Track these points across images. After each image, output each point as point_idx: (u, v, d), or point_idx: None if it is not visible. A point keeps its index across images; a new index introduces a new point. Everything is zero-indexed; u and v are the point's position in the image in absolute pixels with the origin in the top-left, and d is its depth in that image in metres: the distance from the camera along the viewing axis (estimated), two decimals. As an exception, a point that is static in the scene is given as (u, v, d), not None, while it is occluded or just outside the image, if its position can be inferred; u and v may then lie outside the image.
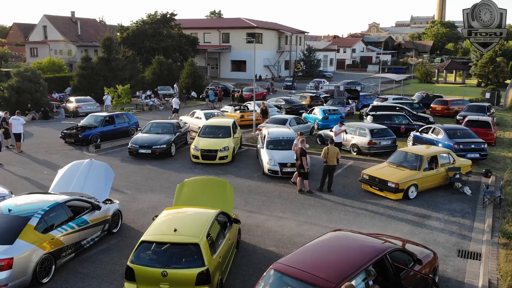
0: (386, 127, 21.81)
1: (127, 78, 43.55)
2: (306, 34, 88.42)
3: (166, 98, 39.37)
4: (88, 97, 35.14)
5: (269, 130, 19.84)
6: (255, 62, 68.57)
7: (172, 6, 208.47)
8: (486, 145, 19.79)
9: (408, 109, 29.60)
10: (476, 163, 19.54)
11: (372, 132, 21.01)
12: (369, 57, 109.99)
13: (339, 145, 18.89)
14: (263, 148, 18.59)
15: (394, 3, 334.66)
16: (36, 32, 69.99)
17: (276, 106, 34.84)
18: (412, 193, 15.19)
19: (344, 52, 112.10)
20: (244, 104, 32.39)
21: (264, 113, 26.94)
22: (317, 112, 29.11)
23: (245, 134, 25.48)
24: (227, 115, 28.77)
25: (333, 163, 15.77)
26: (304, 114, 30.61)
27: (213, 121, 21.73)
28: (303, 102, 37.28)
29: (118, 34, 59.41)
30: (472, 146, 19.61)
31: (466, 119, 24.80)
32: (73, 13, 71.68)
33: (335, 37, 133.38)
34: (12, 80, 32.29)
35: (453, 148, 19.50)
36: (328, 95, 41.60)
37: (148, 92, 44.93)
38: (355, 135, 21.55)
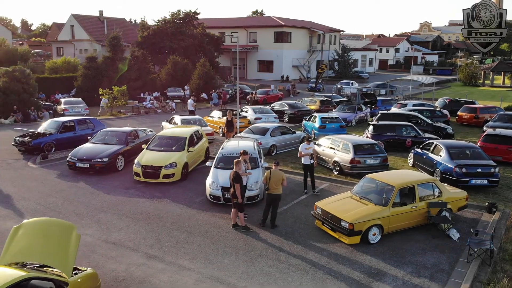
0: (375, 142, 17.99)
1: (133, 79, 41.55)
2: (342, 32, 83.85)
3: (167, 101, 36.81)
4: (79, 98, 33.26)
5: (225, 144, 16.62)
6: (283, 62, 66.35)
7: (212, 5, 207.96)
8: (497, 169, 15.59)
9: (424, 118, 25.33)
10: (483, 192, 15.48)
11: (356, 148, 17.29)
12: (414, 57, 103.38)
13: (309, 168, 15.28)
14: (212, 166, 15.40)
15: (448, 2, 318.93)
16: (64, 31, 70.03)
17: (278, 111, 31.54)
18: (374, 237, 11.51)
19: (387, 51, 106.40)
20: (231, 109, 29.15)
21: (230, 125, 22.41)
22: (316, 120, 25.48)
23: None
24: (210, 121, 25.81)
25: (277, 191, 12.35)
26: (304, 122, 27.11)
27: (167, 132, 18.73)
28: (312, 107, 33.67)
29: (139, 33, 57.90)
30: (479, 170, 15.46)
31: (485, 132, 20.49)
32: (101, 12, 71.14)
33: (379, 36, 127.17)
34: (3, 80, 30.79)
35: (453, 171, 15.49)
36: (345, 99, 37.66)
37: (156, 94, 42.76)
38: (338, 150, 17.91)
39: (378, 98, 35.57)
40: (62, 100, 32.68)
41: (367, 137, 22.16)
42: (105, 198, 14.86)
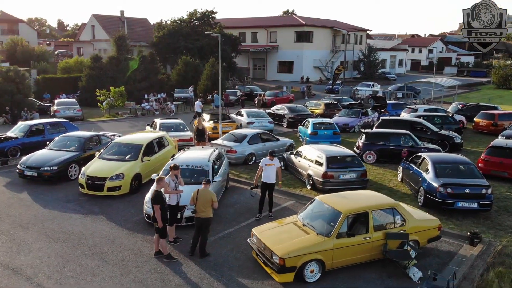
0: (352, 155, 15.77)
1: (139, 79, 40.55)
2: (370, 32, 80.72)
3: (166, 102, 35.46)
4: (72, 100, 32.40)
5: (178, 154, 14.86)
6: (303, 63, 64.08)
7: (241, 6, 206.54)
8: (490, 190, 13.14)
9: (429, 125, 22.78)
10: (474, 217, 13.13)
11: (329, 160, 15.18)
12: (448, 58, 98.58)
13: (268, 187, 13.07)
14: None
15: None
16: (85, 31, 70.38)
17: (278, 115, 29.62)
18: (312, 274, 9.48)
19: (420, 52, 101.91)
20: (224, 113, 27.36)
21: (200, 133, 19.63)
22: (308, 126, 23.40)
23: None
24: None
25: (205, 214, 10.51)
26: (299, 127, 25.07)
27: (124, 138, 17.11)
28: (317, 111, 31.52)
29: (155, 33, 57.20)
30: (467, 190, 13.07)
31: (491, 144, 17.91)
32: (122, 12, 71.02)
33: (413, 36, 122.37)
34: (-6, 81, 30.32)
35: (437, 191, 13.18)
36: (355, 102, 35.20)
37: (162, 95, 41.58)
38: (312, 161, 15.85)
39: (389, 101, 32.94)
40: (56, 101, 31.84)
41: (358, 146, 19.99)
42: (38, 212, 13.43)
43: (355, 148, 20.30)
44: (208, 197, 10.47)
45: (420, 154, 15.65)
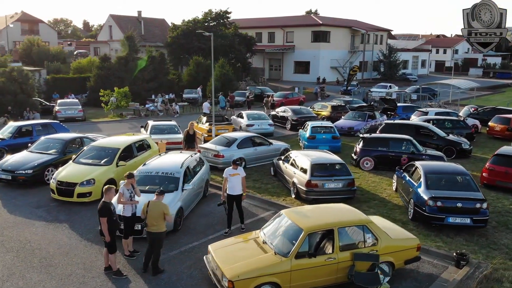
0: (340, 162, 14.64)
1: (147, 80, 40.13)
2: (391, 32, 78.67)
3: (172, 103, 34.85)
4: (75, 100, 32.14)
5: (151, 159, 14.05)
6: (319, 63, 62.72)
7: (264, 5, 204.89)
8: (485, 205, 11.87)
9: (435, 130, 21.40)
10: (467, 234, 11.91)
11: (314, 167, 14.14)
12: (474, 59, 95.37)
13: (234, 199, 11.89)
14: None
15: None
16: (103, 31, 70.80)
17: (282, 117, 28.65)
18: (266, 299, 8.52)
19: (444, 53, 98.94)
20: (221, 115, 26.51)
21: (190, 139, 17.94)
22: (307, 129, 22.35)
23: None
24: (197, 127, 23.34)
25: (157, 229, 9.65)
26: (299, 131, 24.04)
27: (101, 141, 16.38)
28: (323, 113, 30.36)
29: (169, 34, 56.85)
30: (459, 204, 11.82)
31: (496, 152, 16.51)
32: (139, 12, 71.10)
33: (438, 36, 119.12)
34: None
35: (426, 205, 12.00)
36: (365, 104, 33.86)
37: (171, 95, 41.05)
38: (298, 169, 14.84)
39: (399, 104, 31.47)
40: (58, 101, 31.64)
41: (356, 151, 18.83)
42: (2, 218, 12.85)
43: (352, 154, 19.18)
44: (160, 210, 9.61)
45: (414, 162, 14.43)
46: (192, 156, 14.25)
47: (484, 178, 16.07)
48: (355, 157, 18.78)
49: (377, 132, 22.58)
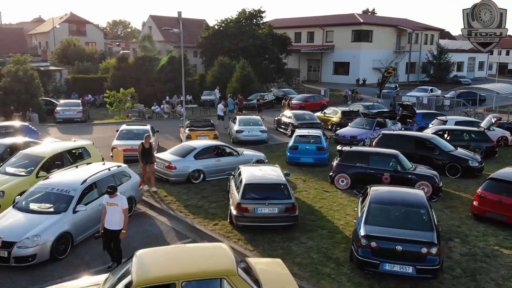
0: (282, 182, 12.11)
1: (164, 81, 39.13)
2: (442, 31, 73.13)
3: (179, 105, 33.44)
4: (77, 101, 31.51)
5: (57, 172, 12.34)
6: (360, 64, 59.15)
7: (318, 4, 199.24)
8: (435, 250, 9.03)
9: (439, 143, 18.18)
10: (411, 284, 9.19)
11: (248, 188, 11.84)
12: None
13: (111, 234, 9.61)
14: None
15: None
16: (143, 32, 71.10)
17: (284, 123, 26.33)
18: None
19: (507, 54, 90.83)
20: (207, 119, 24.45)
21: (146, 154, 14.95)
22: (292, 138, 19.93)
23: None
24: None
25: None
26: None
27: (30, 149, 14.79)
28: (333, 119, 27.65)
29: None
30: (399, 247, 9.09)
31: (491, 176, 13.34)
32: (179, 13, 70.64)
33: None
34: (5, 80, 30.26)
35: (358, 245, 9.40)
36: (385, 109, 30.61)
37: (188, 97, 39.76)
38: (235, 187, 12.61)
39: (419, 111, 27.98)
40: (60, 101, 31.23)
41: (332, 169, 16.20)
42: None
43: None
44: None
45: (369, 186, 11.72)
46: (109, 170, 12.42)
47: (474, 207, 12.98)
48: (330, 173, 16.17)
49: (373, 144, 19.74)
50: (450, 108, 35.65)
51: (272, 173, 12.76)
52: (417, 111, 26.89)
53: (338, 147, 16.92)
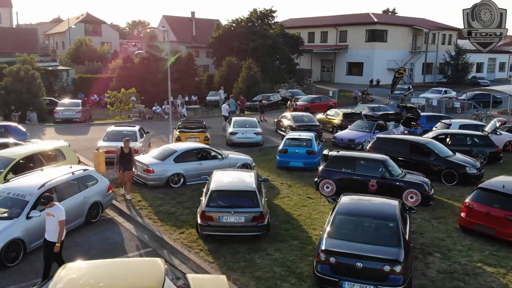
0: (251, 189, 11.34)
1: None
2: (461, 30, 70.92)
3: (183, 106, 33.02)
4: (77, 101, 31.35)
5: (20, 176, 11.90)
6: (373, 64, 57.85)
7: (335, 4, 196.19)
8: (399, 268, 8.23)
9: (435, 148, 17.18)
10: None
11: (213, 195, 11.19)
12: None
13: (49, 246, 8.99)
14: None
15: None
16: (149, 33, 71.17)
17: (283, 125, 25.62)
18: None
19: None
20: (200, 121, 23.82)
21: (125, 160, 14.04)
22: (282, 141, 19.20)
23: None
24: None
25: None
26: (285, 141, 20.86)
27: (4, 150, 14.47)
28: (334, 121, 26.79)
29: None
30: (359, 264, 8.31)
31: (479, 185, 12.41)
32: (193, 13, 70.79)
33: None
34: (6, 79, 30.30)
35: (317, 261, 8.66)
36: (391, 112, 29.59)
37: (193, 97, 39.42)
38: (204, 194, 11.98)
39: (424, 113, 26.84)
40: (60, 101, 31.14)
41: (317, 174, 15.43)
42: None
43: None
44: None
45: (343, 193, 10.96)
46: (73, 174, 11.94)
47: (462, 219, 12.07)
48: (315, 178, 15.40)
49: (367, 148, 18.88)
50: (462, 111, 34.34)
51: (244, 179, 12.06)
52: (422, 114, 25.80)
53: (325, 151, 16.13)
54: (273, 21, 55.21)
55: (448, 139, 19.90)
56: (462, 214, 12.04)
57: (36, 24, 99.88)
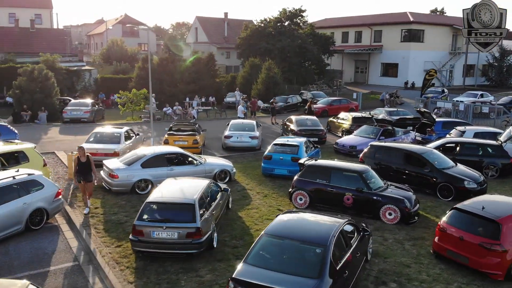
0: (188, 202, 10.24)
1: (186, 82, 38.35)
2: (507, 31, 66.37)
3: (192, 107, 32.37)
4: (86, 100, 31.35)
5: None
6: (409, 65, 55.15)
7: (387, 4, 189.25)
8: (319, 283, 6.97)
9: (433, 158, 15.46)
10: None
11: (147, 207, 10.26)
12: None
13: None
14: None
15: None
16: (190, 34, 71.45)
17: (287, 128, 24.43)
18: None
19: None
20: (194, 123, 22.96)
21: (83, 169, 12.86)
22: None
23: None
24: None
25: None
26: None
27: None
28: (343, 126, 25.28)
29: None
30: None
31: (455, 205, 10.78)
32: (226, 14, 70.41)
33: None
34: (20, 79, 30.75)
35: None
36: (409, 117, 27.62)
37: (211, 98, 38.75)
38: (147, 206, 11.05)
39: (439, 119, 24.71)
40: (71, 101, 31.26)
41: (292, 184, 14.16)
42: None
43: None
44: None
45: (287, 211, 9.70)
46: (14, 178, 11.36)
47: (435, 243, 10.49)
48: (290, 189, 14.14)
49: (360, 156, 17.36)
50: (497, 116, 31.62)
51: (187, 190, 11.01)
52: (437, 119, 23.77)
53: (300, 160, 14.82)
54: (302, 21, 53.76)
55: (457, 148, 18.03)
56: (436, 238, 10.47)
57: (81, 25, 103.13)
